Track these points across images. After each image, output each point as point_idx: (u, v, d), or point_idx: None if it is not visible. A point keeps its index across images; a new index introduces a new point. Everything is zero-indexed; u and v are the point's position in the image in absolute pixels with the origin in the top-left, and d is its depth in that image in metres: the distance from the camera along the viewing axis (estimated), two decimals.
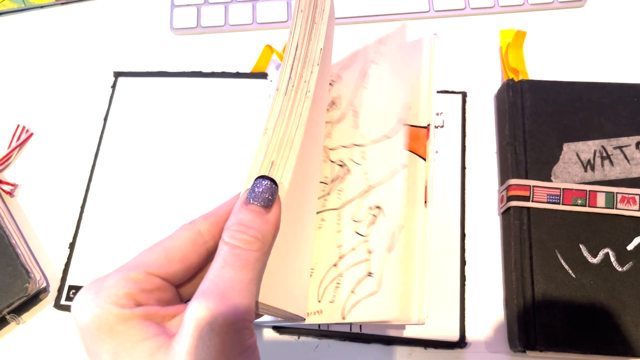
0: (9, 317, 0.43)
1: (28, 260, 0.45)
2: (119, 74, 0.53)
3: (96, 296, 0.22)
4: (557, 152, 0.43)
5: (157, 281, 0.24)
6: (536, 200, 0.41)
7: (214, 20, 0.55)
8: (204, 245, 0.26)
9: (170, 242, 0.25)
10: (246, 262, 0.23)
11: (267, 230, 0.25)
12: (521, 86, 0.45)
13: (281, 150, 0.29)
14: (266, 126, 0.30)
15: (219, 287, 0.22)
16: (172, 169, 0.48)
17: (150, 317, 0.23)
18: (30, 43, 0.57)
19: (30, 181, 0.50)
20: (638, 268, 0.39)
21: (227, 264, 0.23)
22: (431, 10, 0.53)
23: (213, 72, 0.52)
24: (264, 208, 0.26)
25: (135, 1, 0.59)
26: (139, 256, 0.25)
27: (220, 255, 0.24)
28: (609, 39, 0.51)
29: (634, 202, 0.40)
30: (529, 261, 0.40)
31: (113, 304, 0.22)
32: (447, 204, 0.44)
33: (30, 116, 0.53)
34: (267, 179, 0.26)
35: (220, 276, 0.23)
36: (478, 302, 0.42)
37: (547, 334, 0.38)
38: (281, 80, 0.32)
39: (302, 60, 0.33)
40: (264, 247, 0.25)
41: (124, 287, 0.23)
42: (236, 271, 0.23)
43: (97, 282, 0.23)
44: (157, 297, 0.24)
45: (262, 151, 0.29)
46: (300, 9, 0.34)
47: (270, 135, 0.30)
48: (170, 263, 0.25)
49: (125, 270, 0.23)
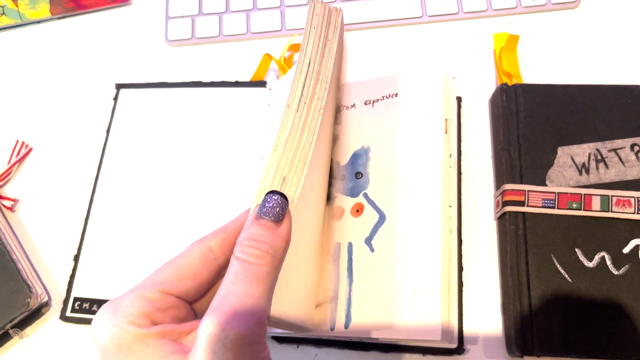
0: (12, 331, 0.44)
1: (29, 275, 0.45)
2: (121, 85, 0.54)
3: (114, 316, 0.23)
4: (551, 156, 0.43)
5: (172, 299, 0.25)
6: (531, 205, 0.41)
7: (209, 31, 0.55)
8: (215, 261, 0.27)
9: (181, 260, 0.26)
10: (257, 276, 0.24)
11: (278, 244, 0.26)
12: (515, 90, 0.45)
13: (293, 166, 0.29)
14: (276, 142, 0.30)
15: (230, 303, 0.23)
16: (176, 179, 0.49)
17: (167, 334, 0.23)
18: (28, 58, 0.58)
19: (31, 196, 0.51)
20: (634, 271, 0.39)
21: (237, 280, 0.24)
22: (424, 15, 0.53)
23: (213, 82, 0.52)
24: (274, 223, 0.26)
25: (130, 14, 0.59)
26: (152, 275, 0.25)
27: (232, 270, 0.24)
28: (603, 41, 0.51)
29: (629, 205, 0.40)
30: (525, 266, 0.40)
31: (130, 324, 0.23)
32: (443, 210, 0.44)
33: (30, 131, 0.54)
34: (277, 193, 0.27)
35: (231, 292, 0.23)
36: (476, 307, 0.42)
37: (544, 339, 0.38)
38: (292, 97, 0.32)
39: (314, 77, 0.33)
40: (274, 261, 0.25)
41: (140, 306, 0.24)
42: (247, 286, 0.24)
43: (114, 302, 0.24)
44: (172, 315, 0.25)
45: (273, 167, 0.29)
46: (314, 26, 0.34)
47: (282, 152, 0.30)
48: (183, 281, 0.25)
49: (140, 289, 0.24)
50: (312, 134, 0.32)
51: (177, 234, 0.46)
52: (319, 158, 0.35)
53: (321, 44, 0.34)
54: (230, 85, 0.52)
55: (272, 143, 0.31)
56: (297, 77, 0.32)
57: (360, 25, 0.54)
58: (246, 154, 0.49)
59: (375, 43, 0.54)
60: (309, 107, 0.32)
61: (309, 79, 0.32)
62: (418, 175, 0.41)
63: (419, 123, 0.42)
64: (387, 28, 0.54)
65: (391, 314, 0.37)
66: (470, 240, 0.44)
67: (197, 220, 0.46)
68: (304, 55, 0.33)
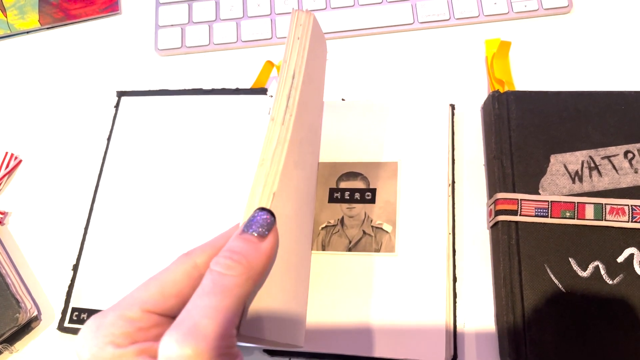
0: (1, 347, 0.44)
1: (19, 290, 0.45)
2: (122, 93, 0.53)
3: (95, 335, 0.23)
4: (544, 164, 0.42)
5: (154, 318, 0.24)
6: (524, 214, 0.41)
7: (199, 39, 0.55)
8: (199, 278, 0.26)
9: (166, 276, 0.26)
10: (224, 288, 0.23)
11: (256, 257, 0.25)
12: (507, 97, 0.45)
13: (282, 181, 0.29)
14: (263, 157, 0.30)
15: (191, 318, 0.22)
16: (177, 187, 0.48)
17: (145, 351, 0.23)
18: (18, 69, 0.58)
19: (22, 208, 0.51)
20: (628, 281, 0.38)
21: (204, 292, 0.23)
22: (415, 22, 0.53)
23: (213, 89, 0.52)
24: (257, 237, 0.26)
25: (120, 23, 0.59)
26: (136, 291, 0.25)
27: (202, 284, 0.24)
28: (595, 46, 0.51)
29: (623, 213, 0.40)
30: (519, 276, 0.40)
31: (110, 344, 0.23)
32: (436, 219, 0.43)
33: (19, 142, 0.54)
34: (265, 210, 0.27)
35: (195, 305, 0.23)
36: (469, 318, 0.42)
37: (537, 350, 0.37)
38: (276, 110, 0.31)
39: (299, 89, 0.32)
40: (247, 272, 0.25)
41: (122, 326, 0.23)
42: (211, 298, 0.23)
43: (96, 319, 0.24)
44: (155, 333, 0.24)
45: (261, 183, 0.29)
46: (297, 36, 0.34)
47: (269, 166, 0.29)
48: (167, 298, 0.25)
49: (122, 308, 0.24)
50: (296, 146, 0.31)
51: (178, 243, 0.46)
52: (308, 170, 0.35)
53: (306, 55, 0.33)
54: (231, 92, 0.51)
55: (259, 157, 0.30)
56: (281, 89, 0.32)
57: (352, 32, 0.54)
58: (247, 162, 0.48)
59: (367, 50, 0.53)
60: (295, 120, 0.31)
61: (293, 91, 0.32)
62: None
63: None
64: (379, 35, 0.54)
65: (394, 334, 0.39)
66: (463, 249, 0.44)
67: (198, 229, 0.46)
68: (288, 67, 0.32)
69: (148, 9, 0.59)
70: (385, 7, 0.54)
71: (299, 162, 0.32)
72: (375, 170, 0.45)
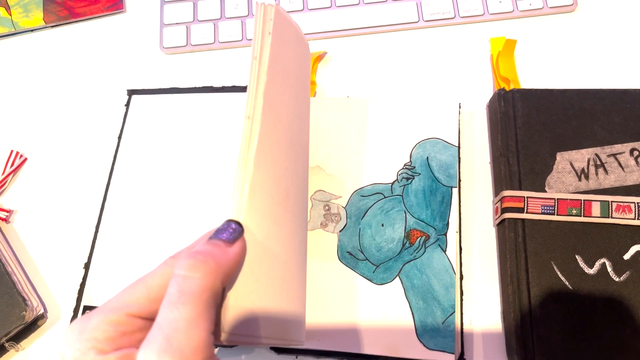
0: (8, 345, 0.43)
1: (25, 288, 0.45)
2: (133, 92, 0.53)
3: (78, 339, 0.23)
4: (550, 162, 0.42)
5: (139, 322, 0.24)
6: (530, 212, 0.41)
7: (204, 38, 0.55)
8: None
9: (152, 279, 0.25)
10: (191, 295, 0.23)
11: (222, 258, 0.25)
12: (512, 96, 0.45)
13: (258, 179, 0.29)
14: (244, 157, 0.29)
15: (162, 332, 0.22)
16: (190, 185, 0.48)
17: (126, 357, 0.23)
18: (23, 67, 0.58)
19: (28, 206, 0.51)
20: (635, 278, 0.39)
21: (171, 303, 0.22)
22: (420, 20, 0.53)
23: (224, 87, 0.52)
24: (224, 242, 0.26)
25: (125, 22, 0.59)
26: (122, 295, 0.25)
27: (168, 292, 0.23)
28: (601, 44, 0.51)
29: (629, 211, 0.40)
30: (525, 273, 0.40)
31: (92, 349, 0.23)
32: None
33: (25, 140, 0.53)
34: (234, 222, 0.27)
35: (164, 318, 0.22)
36: (476, 315, 0.42)
37: (544, 347, 0.38)
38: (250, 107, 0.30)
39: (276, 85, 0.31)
40: (213, 272, 0.24)
41: (105, 331, 0.23)
42: (180, 309, 0.22)
43: (80, 322, 0.23)
44: (139, 338, 0.24)
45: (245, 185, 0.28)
46: (268, 32, 0.33)
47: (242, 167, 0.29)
48: (152, 302, 0.24)
49: (106, 312, 0.24)
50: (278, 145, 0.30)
51: (190, 240, 0.45)
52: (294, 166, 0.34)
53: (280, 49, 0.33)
54: (241, 90, 0.51)
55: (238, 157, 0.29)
56: (253, 86, 0.31)
57: (357, 31, 0.54)
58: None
59: (372, 49, 0.54)
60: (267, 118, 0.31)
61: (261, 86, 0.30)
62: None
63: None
64: (384, 34, 0.54)
65: (403, 334, 0.39)
66: (470, 247, 0.44)
67: (211, 226, 0.46)
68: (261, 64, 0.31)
69: (153, 7, 0.59)
70: (391, 6, 0.54)
71: (278, 159, 0.32)
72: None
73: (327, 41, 0.54)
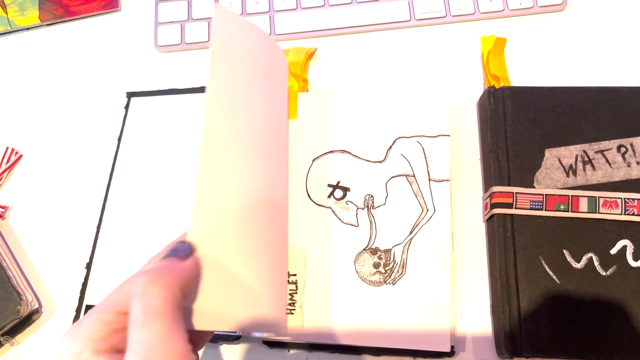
0: (2, 339, 0.44)
1: (20, 283, 0.45)
2: (132, 94, 0.53)
3: (72, 344, 0.24)
4: (539, 158, 0.43)
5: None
6: (519, 207, 0.42)
7: (199, 36, 0.56)
8: None
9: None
10: (156, 312, 0.23)
11: (178, 269, 0.25)
12: (502, 93, 0.46)
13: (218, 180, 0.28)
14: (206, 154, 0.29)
15: (140, 355, 0.22)
16: (190, 186, 0.48)
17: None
18: (18, 65, 0.58)
19: (22, 203, 0.51)
20: (622, 272, 0.39)
21: (140, 323, 0.23)
22: (412, 19, 0.54)
23: None
24: (176, 258, 0.26)
25: (120, 20, 0.60)
26: (112, 294, 0.26)
27: (131, 313, 0.23)
28: (589, 43, 0.52)
29: (616, 206, 0.41)
30: (514, 268, 0.40)
31: (86, 350, 0.23)
32: (435, 215, 0.44)
33: (20, 137, 0.54)
34: (180, 242, 0.27)
35: (137, 340, 0.22)
36: (466, 309, 0.42)
37: (533, 341, 0.38)
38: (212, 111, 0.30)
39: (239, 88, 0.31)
40: (170, 284, 0.24)
41: (98, 330, 0.24)
42: (149, 328, 0.22)
43: (74, 327, 0.25)
44: None
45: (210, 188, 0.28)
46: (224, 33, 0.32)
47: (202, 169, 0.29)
48: None
49: (98, 312, 0.25)
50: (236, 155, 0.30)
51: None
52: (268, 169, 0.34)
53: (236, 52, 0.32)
54: None
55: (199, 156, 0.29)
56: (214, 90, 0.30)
57: (349, 29, 0.54)
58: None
59: (364, 48, 0.54)
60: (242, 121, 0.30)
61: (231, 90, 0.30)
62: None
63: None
64: (376, 32, 0.55)
65: (398, 324, 0.40)
66: (459, 242, 0.44)
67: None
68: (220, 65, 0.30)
69: (148, 6, 0.59)
70: (382, 5, 0.54)
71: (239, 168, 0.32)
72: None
73: (321, 39, 0.55)
